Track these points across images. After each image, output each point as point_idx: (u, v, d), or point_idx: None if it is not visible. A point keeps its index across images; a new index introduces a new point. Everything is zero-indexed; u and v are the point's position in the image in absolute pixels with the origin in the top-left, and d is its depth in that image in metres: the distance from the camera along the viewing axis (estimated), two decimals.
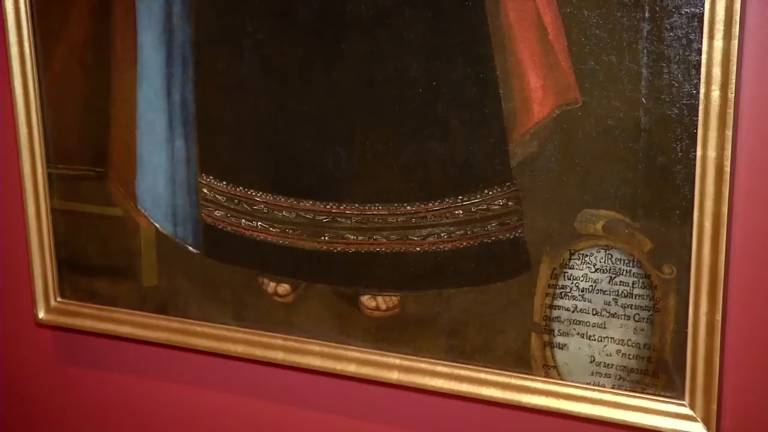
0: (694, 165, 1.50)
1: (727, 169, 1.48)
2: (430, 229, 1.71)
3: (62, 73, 1.94)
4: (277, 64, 1.75)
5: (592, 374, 1.66)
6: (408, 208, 1.72)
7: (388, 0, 1.65)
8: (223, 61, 1.79)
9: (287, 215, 1.81)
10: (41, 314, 2.08)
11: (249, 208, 1.84)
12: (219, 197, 1.86)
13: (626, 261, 1.59)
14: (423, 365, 1.77)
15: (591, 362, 1.65)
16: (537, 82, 1.58)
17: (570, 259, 1.63)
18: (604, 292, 1.62)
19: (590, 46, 1.53)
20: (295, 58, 1.74)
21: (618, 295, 1.61)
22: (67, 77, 1.94)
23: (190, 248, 1.92)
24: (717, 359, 1.56)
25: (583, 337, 1.65)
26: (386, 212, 1.73)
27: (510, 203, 1.64)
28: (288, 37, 1.73)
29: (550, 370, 1.68)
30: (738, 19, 1.43)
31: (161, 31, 1.82)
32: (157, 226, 1.94)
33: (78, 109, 1.94)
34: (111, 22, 1.87)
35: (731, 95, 1.45)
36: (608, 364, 1.64)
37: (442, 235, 1.70)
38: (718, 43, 1.44)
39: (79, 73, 1.93)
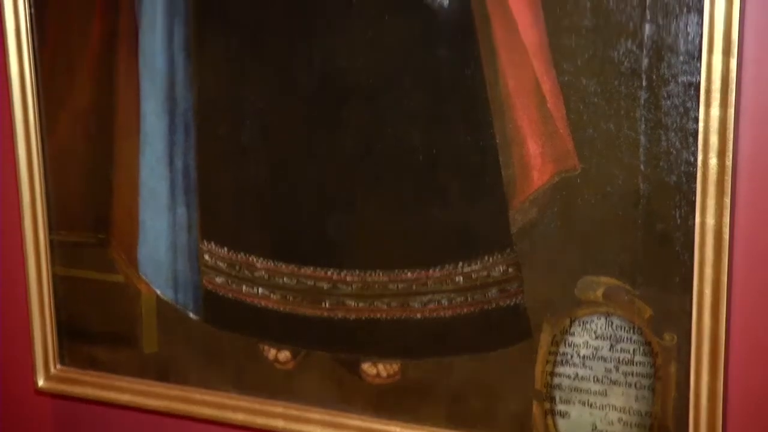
0: (693, 232, 1.50)
1: (726, 236, 1.48)
2: (430, 296, 1.71)
3: (66, 139, 1.95)
4: (278, 131, 1.77)
5: None
6: (408, 274, 1.72)
7: (388, 69, 1.66)
8: (225, 128, 1.81)
9: (288, 282, 1.81)
10: (41, 382, 2.07)
11: (250, 275, 1.84)
12: (220, 264, 1.87)
13: (627, 328, 1.59)
14: None
15: (593, 430, 1.64)
16: (536, 150, 1.59)
17: (570, 325, 1.62)
18: (605, 359, 1.61)
19: (588, 114, 1.54)
20: (296, 126, 1.75)
21: (619, 363, 1.60)
22: (70, 143, 1.95)
23: (191, 315, 1.92)
24: (719, 427, 1.54)
25: (584, 405, 1.64)
26: (387, 279, 1.73)
27: (510, 270, 1.64)
28: (289, 105, 1.75)
29: None
30: (734, 88, 1.44)
31: (164, 99, 1.84)
32: (158, 292, 1.94)
33: (81, 175, 1.95)
34: (114, 90, 1.89)
35: (729, 163, 1.46)
36: None
37: (443, 301, 1.70)
38: (715, 111, 1.45)
39: (82, 139, 1.94)
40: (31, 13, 1.90)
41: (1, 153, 2.08)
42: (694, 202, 1.49)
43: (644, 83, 1.50)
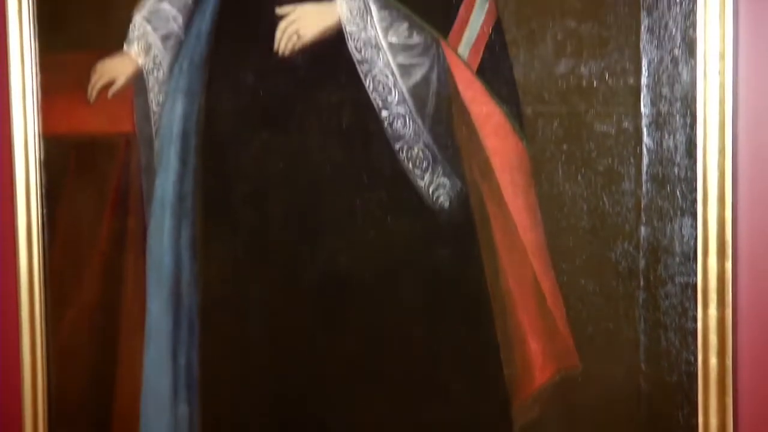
0: None
1: None
2: None
3: (71, 336, 1.96)
4: (281, 328, 1.78)
5: None
6: None
7: (390, 268, 1.69)
8: (229, 325, 1.82)
9: None
10: None
11: None
12: None
13: None
14: None
15: None
16: (537, 348, 1.60)
17: None
18: None
19: (588, 313, 1.56)
20: (299, 323, 1.77)
21: None
22: (75, 340, 1.96)
23: None
24: None
25: None
26: None
27: None
28: (292, 303, 1.77)
29: None
30: (730, 289, 1.47)
31: (169, 296, 1.86)
32: None
33: (84, 372, 1.95)
34: (121, 287, 1.91)
35: (729, 363, 1.47)
36: None
37: None
38: (713, 311, 1.48)
39: (87, 336, 1.95)
40: (43, 213, 1.95)
41: (6, 350, 2.08)
42: (696, 402, 1.49)
43: (642, 283, 1.53)
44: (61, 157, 1.93)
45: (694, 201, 1.49)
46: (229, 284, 1.82)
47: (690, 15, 1.48)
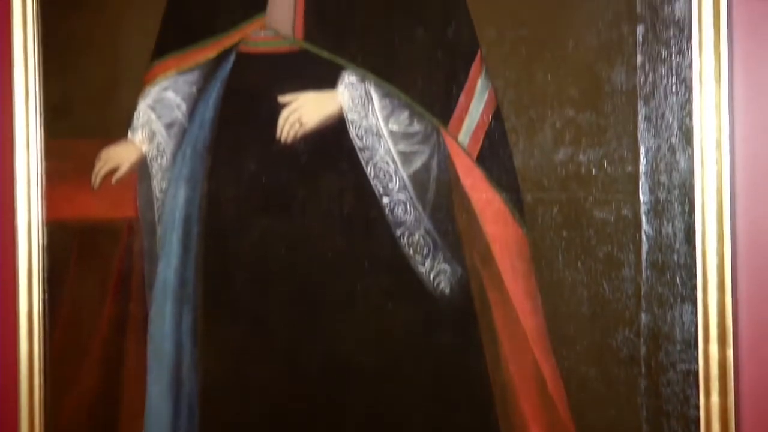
0: None
1: None
2: None
3: (70, 422, 1.95)
4: (282, 414, 1.78)
5: None
6: None
7: (390, 354, 1.70)
8: (230, 412, 1.81)
9: None
10: None
11: None
12: None
13: None
14: None
15: None
16: None
17: None
18: None
19: (589, 400, 1.56)
20: (299, 408, 1.76)
21: None
22: (74, 426, 1.94)
23: None
24: None
25: None
26: None
27: None
28: (293, 389, 1.77)
29: None
30: (732, 376, 1.47)
31: (170, 382, 1.86)
32: None
33: None
34: (121, 373, 1.91)
35: None
36: None
37: None
38: (715, 399, 1.47)
39: (86, 421, 1.93)
40: (44, 298, 1.95)
41: None
42: None
43: (643, 370, 1.53)
44: (64, 242, 1.94)
45: (694, 288, 1.50)
46: (230, 370, 1.82)
47: (686, 104, 1.51)
